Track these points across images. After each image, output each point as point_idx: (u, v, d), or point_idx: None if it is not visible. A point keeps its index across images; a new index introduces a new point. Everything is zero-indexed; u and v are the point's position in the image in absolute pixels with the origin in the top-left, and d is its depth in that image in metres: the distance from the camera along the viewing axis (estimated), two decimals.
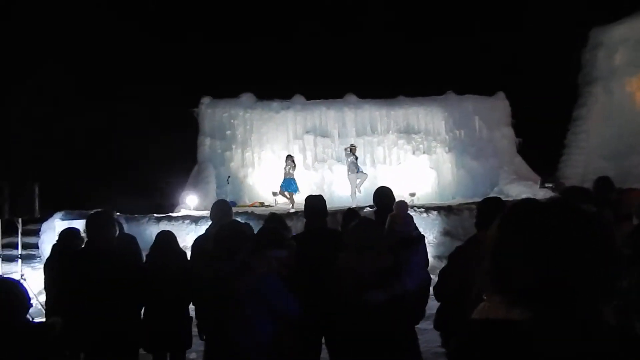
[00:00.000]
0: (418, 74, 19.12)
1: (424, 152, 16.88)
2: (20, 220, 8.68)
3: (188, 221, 10.32)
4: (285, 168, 12.86)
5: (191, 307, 4.24)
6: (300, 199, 12.95)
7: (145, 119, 18.80)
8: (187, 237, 9.04)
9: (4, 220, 8.43)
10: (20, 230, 8.84)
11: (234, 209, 10.85)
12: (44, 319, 5.22)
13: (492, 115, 17.24)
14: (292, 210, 11.45)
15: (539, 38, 18.10)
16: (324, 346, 3.65)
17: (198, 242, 4.33)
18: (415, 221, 5.02)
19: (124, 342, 3.79)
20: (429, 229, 9.92)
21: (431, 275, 4.93)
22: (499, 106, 17.41)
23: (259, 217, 10.24)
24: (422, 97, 17.38)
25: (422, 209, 10.49)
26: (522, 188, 14.88)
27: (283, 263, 3.21)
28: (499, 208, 2.97)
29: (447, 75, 18.80)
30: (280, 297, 2.88)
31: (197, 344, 4.30)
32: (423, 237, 3.47)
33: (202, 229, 7.86)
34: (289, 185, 12.70)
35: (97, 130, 19.00)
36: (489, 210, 2.96)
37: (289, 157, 13.19)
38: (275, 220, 4.40)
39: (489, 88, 17.56)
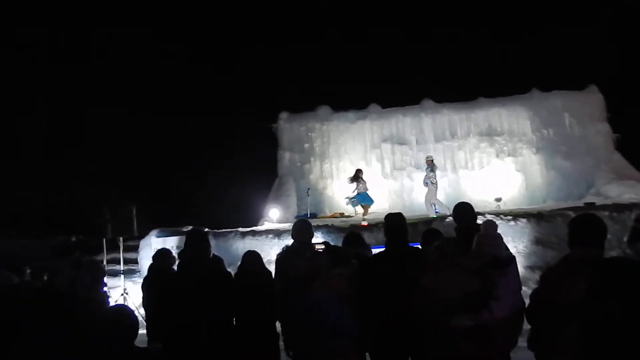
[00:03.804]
0: (498, 74, 18.28)
1: (508, 155, 16.03)
2: (121, 238, 9.49)
3: (271, 235, 10.62)
4: (359, 185, 12.61)
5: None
6: (375, 208, 12.85)
7: (228, 135, 19.76)
8: (270, 251, 9.30)
9: (107, 239, 9.27)
10: (121, 248, 9.67)
11: (315, 221, 11.03)
12: (144, 331, 5.59)
13: (584, 110, 15.98)
14: (365, 223, 11.31)
15: (632, 22, 16.57)
16: None
17: (277, 261, 4.43)
18: (502, 230, 4.77)
19: (216, 358, 3.98)
20: (518, 237, 9.38)
21: (524, 289, 4.64)
22: (591, 100, 16.10)
23: (339, 229, 10.30)
24: (503, 97, 16.55)
25: (510, 217, 9.93)
26: (623, 188, 13.61)
27: (344, 281, 3.23)
28: (594, 227, 2.73)
29: (530, 72, 17.79)
30: (337, 315, 2.90)
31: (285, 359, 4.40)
32: (514, 258, 3.26)
33: (284, 243, 8.05)
34: (365, 198, 12.53)
35: (182, 149, 20.24)
36: (583, 229, 2.72)
37: (361, 172, 12.94)
38: (353, 239, 4.40)
39: (579, 82, 16.33)
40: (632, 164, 15.21)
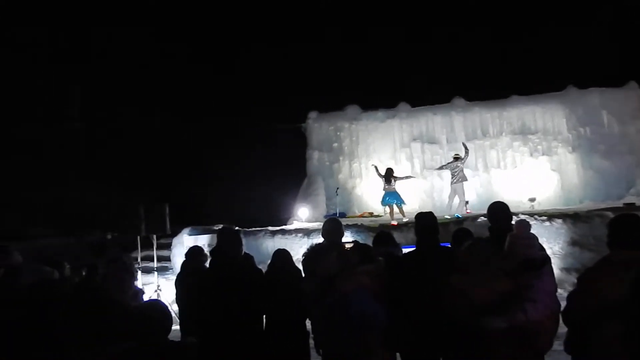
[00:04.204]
0: (531, 71, 17.83)
1: (543, 154, 15.60)
2: (154, 236, 9.73)
3: (301, 234, 10.68)
4: (392, 182, 12.37)
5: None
6: (405, 208, 12.67)
7: (257, 135, 19.97)
8: (300, 250, 9.27)
9: (141, 237, 9.53)
10: (155, 246, 9.91)
11: (344, 220, 11.01)
12: (177, 327, 5.70)
13: (623, 108, 15.40)
14: (406, 220, 11.19)
15: None
16: None
17: (305, 259, 4.44)
18: (537, 230, 4.65)
19: (248, 355, 4.03)
20: (554, 238, 9.13)
21: (560, 292, 4.51)
22: (631, 97, 15.50)
23: (368, 229, 10.27)
24: (538, 95, 16.11)
25: (545, 217, 9.67)
26: None
27: (371, 278, 3.22)
28: (636, 227, 2.62)
29: (566, 68, 17.26)
30: (366, 310, 2.89)
31: (315, 357, 4.41)
32: (549, 259, 3.17)
33: (313, 242, 8.07)
34: (397, 198, 12.32)
35: (213, 149, 20.55)
36: (624, 229, 2.62)
37: (392, 171, 12.69)
38: (384, 238, 4.37)
39: (618, 78, 15.74)
40: None
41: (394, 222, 10.99)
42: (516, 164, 15.72)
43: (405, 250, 4.51)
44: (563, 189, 15.21)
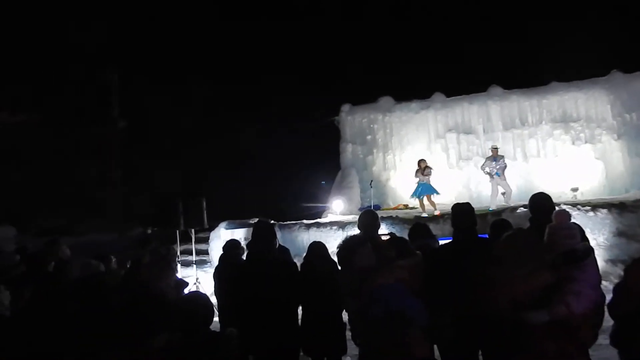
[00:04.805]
0: (572, 55, 17.14)
1: (585, 142, 15.01)
2: (192, 230, 9.98)
3: (335, 227, 10.70)
4: (427, 174, 12.22)
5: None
6: (441, 200, 12.50)
7: (292, 129, 20.09)
8: (335, 243, 9.27)
9: (180, 231, 9.79)
10: (193, 239, 10.16)
11: (379, 213, 10.95)
12: (216, 318, 5.84)
13: None
14: (437, 213, 11.11)
15: None
16: None
17: (340, 250, 4.46)
18: (580, 221, 4.51)
19: (285, 347, 4.09)
20: (598, 229, 8.80)
21: (605, 284, 4.36)
22: None
23: (403, 221, 10.19)
24: (579, 81, 15.48)
25: (588, 207, 9.33)
26: None
27: (409, 270, 3.19)
28: None
29: (610, 52, 16.52)
30: (404, 304, 2.87)
31: (352, 348, 4.44)
32: (592, 250, 3.06)
33: (349, 234, 8.08)
34: (430, 189, 12.19)
35: (248, 144, 20.82)
36: None
37: (424, 162, 12.51)
38: (420, 230, 4.33)
39: None
40: None
41: (438, 212, 10.92)
42: (557, 153, 15.20)
43: (441, 242, 4.46)
44: (608, 178, 14.61)
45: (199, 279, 9.58)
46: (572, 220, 3.61)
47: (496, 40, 19.61)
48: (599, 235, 8.73)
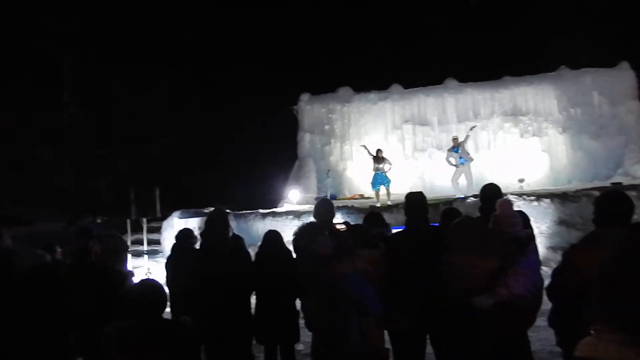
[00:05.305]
0: (524, 52, 17.78)
1: (533, 135, 15.68)
2: (144, 219, 9.71)
3: (291, 216, 10.69)
4: (382, 164, 12.37)
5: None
6: (396, 189, 12.72)
7: (249, 118, 19.85)
8: (290, 232, 9.25)
9: (131, 220, 9.51)
10: (145, 229, 9.89)
11: (335, 202, 11.02)
12: (168, 309, 5.73)
13: (614, 88, 15.44)
14: (390, 203, 11.32)
15: None
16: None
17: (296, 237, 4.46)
18: (525, 210, 4.71)
19: (238, 335, 4.07)
20: (541, 218, 9.21)
21: (545, 270, 4.59)
22: (622, 78, 15.54)
23: (359, 210, 10.30)
24: (530, 76, 16.12)
25: (533, 197, 9.76)
26: None
27: (370, 262, 3.22)
28: (622, 204, 2.66)
29: (559, 49, 17.23)
30: (362, 294, 2.91)
31: (305, 336, 4.46)
32: (533, 237, 3.21)
33: (305, 222, 8.09)
34: (385, 179, 12.38)
35: (205, 132, 20.42)
36: (610, 206, 2.66)
37: (381, 152, 12.65)
38: (374, 218, 4.39)
39: (610, 59, 15.75)
40: None
41: (389, 203, 11.14)
42: (506, 145, 15.79)
43: (394, 231, 4.54)
44: (552, 169, 15.34)
45: (150, 269, 9.36)
46: (518, 209, 3.77)
47: (453, 34, 20.05)
48: (542, 223, 9.14)
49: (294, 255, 4.48)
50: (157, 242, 11.54)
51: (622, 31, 17.31)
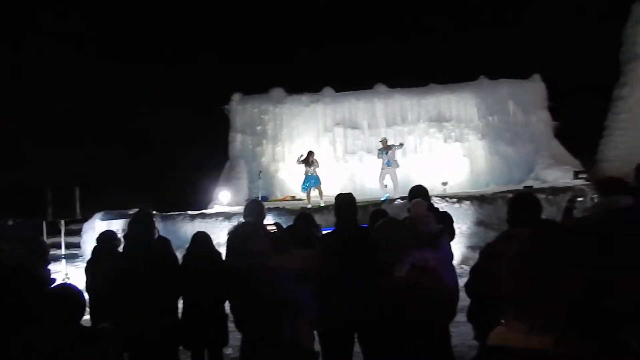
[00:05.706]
0: (450, 61, 18.72)
1: (455, 140, 16.56)
2: (62, 221, 9.09)
3: (221, 218, 10.51)
4: (312, 166, 12.42)
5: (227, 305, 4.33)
6: (326, 191, 12.89)
7: (178, 117, 19.22)
8: (220, 234, 9.17)
9: (47, 222, 8.85)
10: (63, 231, 9.26)
11: (266, 204, 10.98)
12: (87, 316, 5.44)
13: (527, 99, 16.69)
14: (323, 204, 11.47)
15: (576, 14, 17.38)
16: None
17: (230, 236, 4.40)
18: (449, 211, 4.97)
19: (163, 341, 3.93)
20: (462, 219, 9.74)
21: (465, 268, 4.83)
22: (535, 89, 16.83)
23: (290, 212, 10.33)
24: (453, 84, 17.00)
25: (455, 199, 10.31)
26: (559, 173, 14.41)
27: (305, 261, 3.26)
28: (531, 205, 2.90)
29: (480, 60, 18.33)
30: (297, 294, 2.94)
31: (234, 340, 4.40)
32: (444, 231, 3.44)
33: (237, 223, 7.98)
34: (316, 180, 12.45)
35: (131, 130, 19.52)
36: (521, 207, 2.89)
37: (313, 154, 12.71)
38: (304, 219, 4.44)
39: (524, 71, 17.00)
40: (569, 150, 16.09)
41: (322, 204, 11.27)
42: (431, 150, 16.54)
43: (324, 232, 4.61)
44: (472, 173, 16.27)
45: (68, 274, 8.80)
46: (444, 210, 3.99)
47: (384, 40, 20.67)
48: (462, 224, 9.67)
49: (224, 258, 4.43)
50: (77, 246, 10.87)
51: (535, 43, 18.68)
